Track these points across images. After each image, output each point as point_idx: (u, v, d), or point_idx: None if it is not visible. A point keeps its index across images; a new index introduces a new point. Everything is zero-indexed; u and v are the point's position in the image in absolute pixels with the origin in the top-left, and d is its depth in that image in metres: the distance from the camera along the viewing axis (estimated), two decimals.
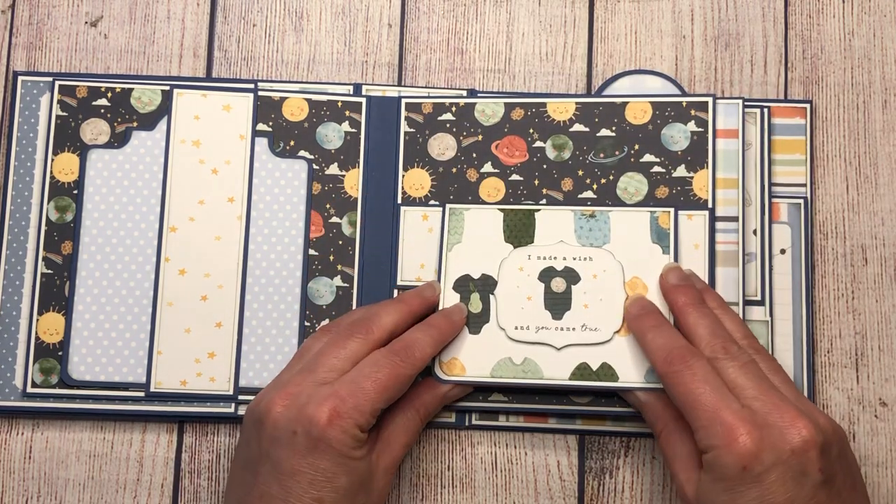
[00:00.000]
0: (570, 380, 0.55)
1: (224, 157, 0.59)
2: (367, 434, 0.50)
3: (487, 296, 0.56)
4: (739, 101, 0.59)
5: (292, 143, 0.59)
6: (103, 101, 0.59)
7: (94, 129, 0.59)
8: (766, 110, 0.59)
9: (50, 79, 0.60)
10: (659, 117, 0.58)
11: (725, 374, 0.49)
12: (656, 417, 0.53)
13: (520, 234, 0.57)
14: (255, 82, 0.61)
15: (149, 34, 0.62)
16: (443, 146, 0.59)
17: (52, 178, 0.59)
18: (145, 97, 0.60)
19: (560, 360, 0.55)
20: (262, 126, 0.59)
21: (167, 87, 0.60)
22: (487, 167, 0.59)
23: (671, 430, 0.51)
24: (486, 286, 0.57)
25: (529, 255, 0.57)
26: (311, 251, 0.58)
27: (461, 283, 0.57)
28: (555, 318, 0.56)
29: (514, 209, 0.58)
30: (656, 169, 0.58)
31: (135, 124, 0.59)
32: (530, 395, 0.56)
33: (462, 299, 0.57)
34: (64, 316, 0.57)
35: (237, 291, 0.58)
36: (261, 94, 0.60)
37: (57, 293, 0.58)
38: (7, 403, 0.57)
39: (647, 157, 0.58)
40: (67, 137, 0.59)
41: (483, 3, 0.62)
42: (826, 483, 0.46)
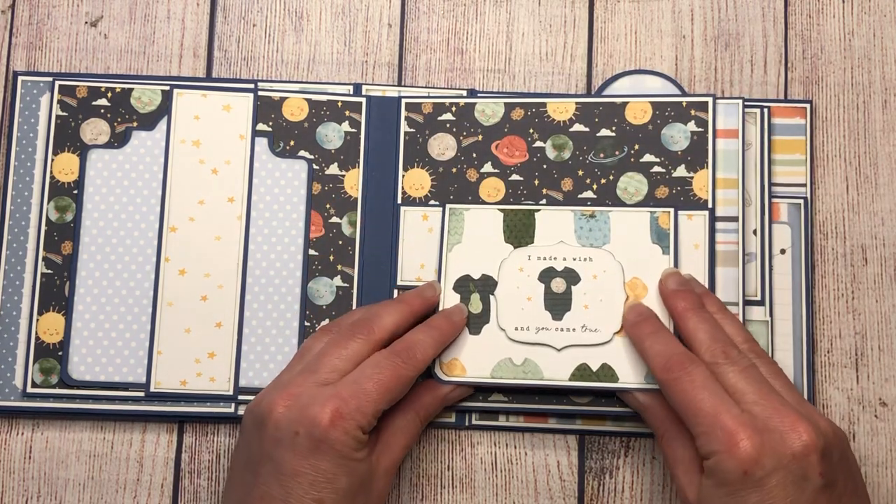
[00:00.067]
0: (570, 380, 0.55)
1: (224, 157, 0.59)
2: (369, 435, 0.50)
3: (487, 296, 0.56)
4: (739, 101, 0.59)
5: (292, 143, 0.59)
6: (103, 101, 0.59)
7: (94, 129, 0.59)
8: (766, 110, 0.59)
9: (50, 79, 0.60)
10: (659, 117, 0.58)
11: (726, 378, 0.49)
12: (657, 421, 0.53)
13: (520, 234, 0.57)
14: (255, 82, 0.61)
15: (149, 34, 0.62)
16: (443, 146, 0.59)
17: (52, 178, 0.59)
18: (145, 97, 0.60)
19: (560, 361, 0.55)
20: (262, 126, 0.59)
21: (167, 87, 0.60)
22: (487, 167, 0.59)
23: (672, 434, 0.51)
24: (487, 287, 0.57)
25: (529, 256, 0.57)
26: (311, 251, 0.58)
27: (461, 283, 0.57)
28: (555, 318, 0.56)
29: (514, 209, 0.58)
30: (656, 169, 0.58)
31: (135, 124, 0.59)
32: (530, 395, 0.56)
33: (462, 300, 0.57)
34: (64, 316, 0.57)
35: (237, 291, 0.58)
36: (261, 94, 0.60)
37: (57, 293, 0.58)
38: (7, 403, 0.57)
39: (647, 157, 0.58)
40: (67, 137, 0.59)
41: (483, 3, 0.62)
42: (827, 487, 0.46)
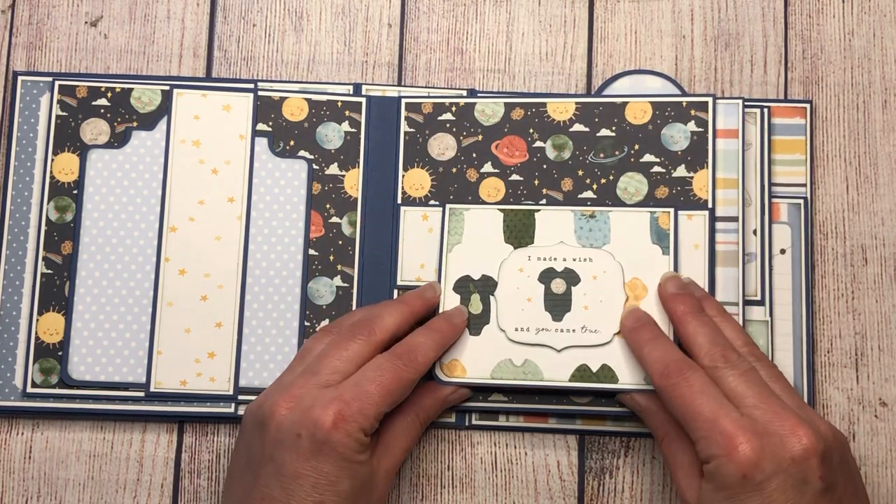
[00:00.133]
0: (570, 381, 0.55)
1: (224, 157, 0.59)
2: (370, 438, 0.50)
3: (488, 297, 0.56)
4: (739, 101, 0.59)
5: (292, 143, 0.59)
6: (103, 101, 0.59)
7: (94, 129, 0.59)
8: (766, 110, 0.59)
9: (50, 79, 0.60)
10: (659, 117, 0.58)
11: (725, 382, 0.49)
12: (657, 424, 0.53)
13: (520, 234, 0.57)
14: (255, 82, 0.61)
15: (149, 34, 0.62)
16: (443, 146, 0.59)
17: (52, 178, 0.59)
18: (145, 97, 0.60)
19: (560, 362, 0.55)
20: (262, 126, 0.59)
21: (167, 87, 0.60)
22: (487, 167, 0.59)
23: (672, 437, 0.51)
24: (487, 287, 0.57)
25: (529, 256, 0.57)
26: (311, 251, 0.58)
27: (461, 283, 0.57)
28: (555, 319, 0.56)
29: (514, 209, 0.58)
30: (656, 169, 0.58)
31: (135, 124, 0.59)
32: (530, 395, 0.56)
33: (462, 300, 0.57)
34: (64, 316, 0.57)
35: (237, 291, 0.58)
36: (261, 94, 0.60)
37: (57, 293, 0.58)
38: (7, 403, 0.57)
39: (647, 157, 0.58)
40: (67, 137, 0.59)
41: (483, 3, 0.62)
42: (827, 491, 0.46)
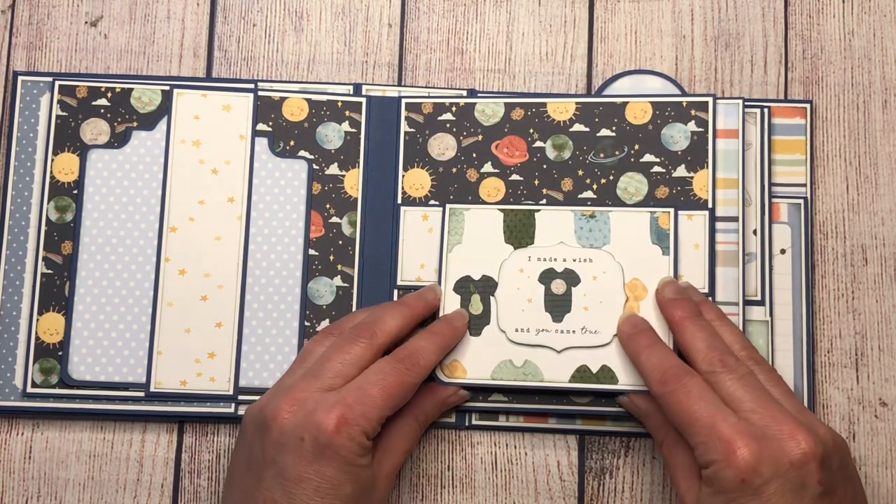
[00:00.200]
0: (570, 382, 0.55)
1: (224, 157, 0.59)
2: (372, 442, 0.50)
3: (488, 297, 0.56)
4: (739, 101, 0.59)
5: (292, 143, 0.59)
6: (103, 101, 0.59)
7: (94, 129, 0.59)
8: (766, 110, 0.59)
9: (50, 79, 0.60)
10: (659, 117, 0.58)
11: (723, 387, 0.49)
12: (657, 428, 0.53)
13: (520, 234, 0.57)
14: (255, 82, 0.61)
15: (149, 34, 0.62)
16: (443, 146, 0.59)
17: (52, 178, 0.59)
18: (145, 97, 0.59)
19: (560, 363, 0.55)
20: (262, 126, 0.59)
21: (167, 87, 0.60)
22: (487, 167, 0.59)
23: (672, 440, 0.51)
24: (487, 288, 0.57)
25: (529, 257, 0.57)
26: (311, 251, 0.58)
27: (462, 284, 0.57)
28: (555, 320, 0.56)
29: (514, 209, 0.58)
30: (656, 169, 0.58)
31: (135, 124, 0.59)
32: (530, 395, 0.56)
33: (463, 301, 0.57)
34: (64, 316, 0.57)
35: (237, 291, 0.58)
36: (261, 94, 0.60)
37: (57, 293, 0.58)
38: (7, 403, 0.57)
39: (647, 157, 0.58)
40: (67, 137, 0.59)
41: (483, 3, 0.62)
42: (825, 495, 0.46)
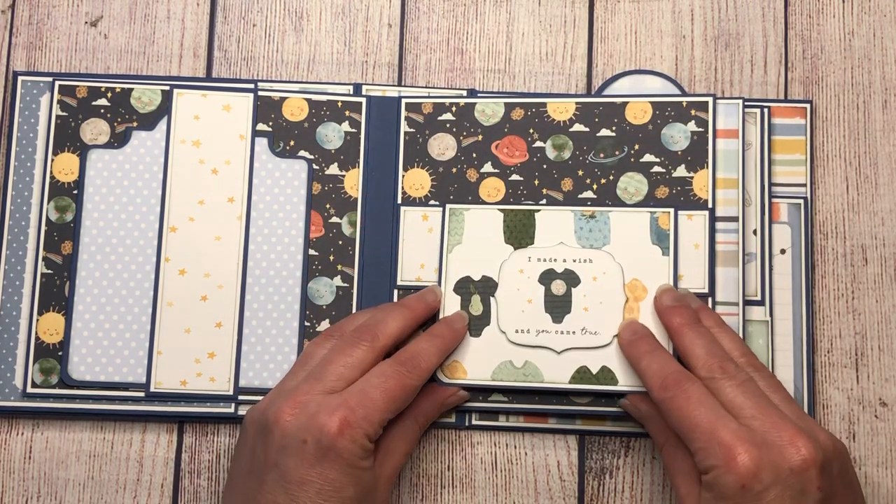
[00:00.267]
0: (570, 383, 0.55)
1: (224, 157, 0.59)
2: (374, 444, 0.50)
3: (488, 298, 0.56)
4: (739, 101, 0.59)
5: (292, 143, 0.59)
6: (103, 101, 0.59)
7: (94, 129, 0.59)
8: (766, 110, 0.59)
9: (50, 79, 0.60)
10: (659, 117, 0.58)
11: (723, 393, 0.49)
12: (658, 431, 0.53)
13: (520, 234, 0.57)
14: (255, 82, 0.61)
15: (149, 34, 0.62)
16: (443, 146, 0.59)
17: (52, 178, 0.59)
18: (145, 97, 0.59)
19: (560, 364, 0.55)
20: (262, 126, 0.59)
21: (167, 87, 0.60)
22: (487, 167, 0.59)
23: (673, 444, 0.51)
24: (487, 288, 0.57)
25: (529, 257, 0.57)
26: (311, 251, 0.58)
27: (462, 284, 0.57)
28: (555, 321, 0.56)
29: (514, 209, 0.58)
30: (656, 169, 0.58)
31: (135, 124, 0.59)
32: (530, 395, 0.56)
33: (463, 301, 0.57)
34: (64, 316, 0.57)
35: (237, 291, 0.58)
36: (261, 94, 0.60)
37: (57, 293, 0.58)
38: (7, 403, 0.57)
39: (647, 157, 0.58)
40: (67, 137, 0.59)
41: (483, 3, 0.62)
42: (825, 501, 0.46)
